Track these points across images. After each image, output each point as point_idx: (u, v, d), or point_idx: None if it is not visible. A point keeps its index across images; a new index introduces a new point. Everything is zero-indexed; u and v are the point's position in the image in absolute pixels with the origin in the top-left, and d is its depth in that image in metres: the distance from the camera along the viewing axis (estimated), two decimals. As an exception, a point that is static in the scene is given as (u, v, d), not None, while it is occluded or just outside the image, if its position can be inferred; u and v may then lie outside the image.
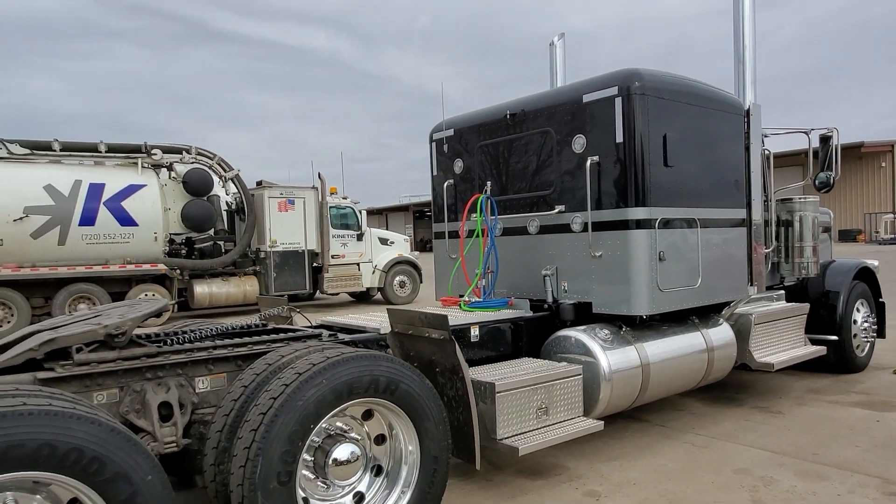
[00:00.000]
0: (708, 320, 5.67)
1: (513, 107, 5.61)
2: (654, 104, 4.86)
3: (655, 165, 4.88)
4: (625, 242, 4.85)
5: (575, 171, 5.13)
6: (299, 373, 3.08)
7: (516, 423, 4.13)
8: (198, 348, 3.56)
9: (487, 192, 5.56)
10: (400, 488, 3.52)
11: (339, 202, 16.38)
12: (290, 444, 2.98)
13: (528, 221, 5.53)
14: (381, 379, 3.26)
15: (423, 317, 3.79)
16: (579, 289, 5.17)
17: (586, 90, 5.06)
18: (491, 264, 5.53)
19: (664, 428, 5.55)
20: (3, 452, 2.33)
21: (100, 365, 3.23)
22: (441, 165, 6.37)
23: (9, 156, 12.60)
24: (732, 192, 5.65)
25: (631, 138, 4.79)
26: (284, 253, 15.15)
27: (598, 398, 4.69)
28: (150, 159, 13.82)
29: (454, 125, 6.21)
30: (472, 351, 4.72)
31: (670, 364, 5.17)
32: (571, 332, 4.90)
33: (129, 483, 2.58)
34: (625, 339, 4.97)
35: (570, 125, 5.16)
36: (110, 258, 13.06)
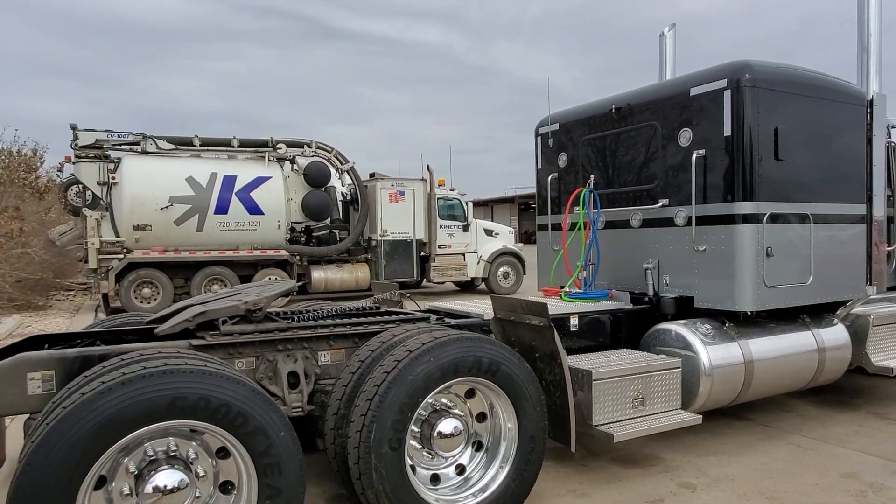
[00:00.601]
0: (820, 320, 5.48)
1: (618, 101, 5.67)
2: (765, 97, 4.77)
3: (765, 159, 4.79)
4: (730, 237, 4.81)
5: (680, 164, 5.13)
6: (410, 350, 3.41)
7: (612, 410, 4.27)
8: (321, 325, 4.00)
9: (590, 186, 5.66)
10: (498, 463, 3.78)
11: (446, 194, 16.85)
12: (401, 414, 3.32)
13: (630, 215, 5.58)
14: (483, 360, 3.54)
15: (525, 304, 4.01)
16: (681, 283, 5.18)
17: (694, 83, 5.03)
18: (592, 257, 5.64)
19: (768, 428, 5.44)
20: (170, 402, 2.83)
21: (241, 336, 3.74)
22: (546, 159, 6.52)
23: (157, 151, 14.09)
24: (851, 187, 5.40)
25: (740, 132, 4.74)
26: (394, 242, 15.84)
27: (696, 392, 4.70)
28: (276, 153, 14.92)
29: (559, 119, 6.34)
30: (571, 340, 4.88)
31: (776, 363, 5.07)
32: (672, 325, 4.93)
33: (266, 437, 3.02)
34: (727, 335, 4.93)
35: (677, 119, 5.16)
36: (240, 244, 14.28)
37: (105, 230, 13.32)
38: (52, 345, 4.10)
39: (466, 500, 3.65)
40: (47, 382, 3.34)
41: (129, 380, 2.79)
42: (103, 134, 13.58)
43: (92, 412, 2.67)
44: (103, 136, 13.56)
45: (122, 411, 2.73)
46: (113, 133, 13.66)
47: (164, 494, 2.91)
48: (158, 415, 2.83)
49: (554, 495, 4.19)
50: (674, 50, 7.43)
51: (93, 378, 2.96)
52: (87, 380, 3.00)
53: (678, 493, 4.21)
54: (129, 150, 13.91)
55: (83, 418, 2.66)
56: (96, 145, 13.50)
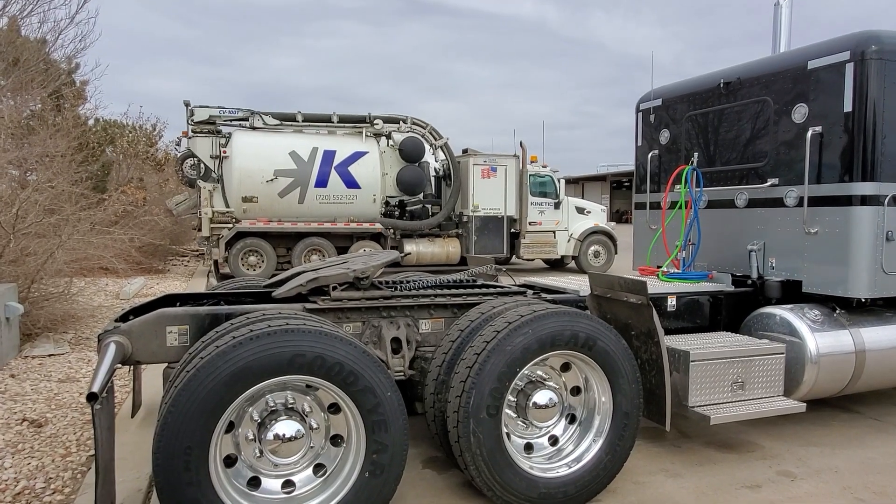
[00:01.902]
0: (947, 310, 5.11)
1: (727, 75, 5.46)
2: (893, 69, 4.46)
3: (890, 137, 4.50)
4: (846, 219, 4.57)
5: (793, 142, 4.91)
6: (509, 322, 3.53)
7: (709, 393, 4.22)
8: (422, 295, 4.19)
9: (694, 164, 5.51)
10: (592, 436, 3.85)
11: (538, 170, 16.71)
12: (499, 382, 3.46)
13: (735, 194, 5.40)
14: (580, 334, 3.60)
15: (623, 282, 4.03)
16: (788, 266, 4.98)
17: (813, 56, 4.77)
18: (693, 237, 5.52)
19: (878, 421, 5.18)
20: (291, 359, 3.09)
21: (349, 302, 3.98)
22: (646, 136, 6.39)
23: (263, 126, 14.84)
24: None
25: (862, 107, 4.47)
26: (485, 218, 15.93)
27: (801, 380, 4.56)
28: (373, 128, 15.32)
29: (662, 95, 6.18)
30: (668, 320, 4.83)
31: (891, 354, 4.80)
32: (776, 309, 4.78)
33: (374, 395, 3.24)
34: (838, 322, 4.72)
35: (791, 93, 4.92)
36: (337, 216, 14.86)
37: (217, 201, 14.23)
38: (182, 303, 4.53)
39: (559, 469, 3.75)
40: (182, 336, 3.72)
41: (257, 336, 3.07)
42: (215, 110, 14.43)
43: (227, 362, 2.97)
44: (216, 113, 14.42)
45: (250, 363, 3.02)
46: (224, 109, 14.49)
47: (283, 442, 3.20)
48: (280, 369, 3.10)
49: (646, 473, 4.22)
50: (790, 20, 6.99)
51: (224, 333, 3.28)
52: (219, 335, 3.32)
53: (777, 480, 4.13)
54: (238, 126, 14.73)
55: (219, 367, 2.96)
56: (209, 121, 14.38)
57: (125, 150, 18.86)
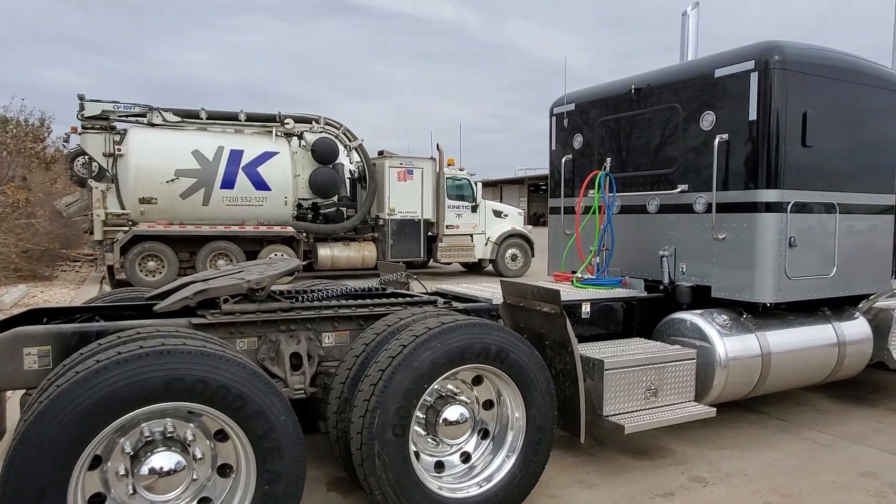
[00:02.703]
0: (841, 313, 5.31)
1: (638, 81, 5.46)
2: (794, 80, 4.56)
3: (792, 145, 4.60)
4: (752, 226, 4.63)
5: (701, 149, 4.94)
6: (416, 335, 3.28)
7: (623, 401, 4.14)
8: (325, 306, 3.87)
9: (607, 169, 5.48)
10: (505, 452, 3.66)
11: (455, 173, 16.64)
12: (406, 400, 3.20)
13: (647, 200, 5.40)
14: (492, 347, 3.40)
15: (536, 290, 3.87)
16: (698, 271, 5.01)
17: (719, 64, 4.82)
18: (606, 242, 5.48)
19: (783, 422, 5.31)
20: (167, 384, 2.72)
21: (242, 315, 3.61)
22: (560, 140, 6.33)
23: (163, 123, 13.92)
24: (881, 177, 5.20)
25: (766, 116, 4.54)
26: (402, 221, 15.67)
27: (711, 384, 4.57)
28: (284, 128, 14.72)
29: (575, 99, 6.14)
30: (583, 327, 4.74)
31: (794, 356, 4.92)
32: (687, 315, 4.78)
33: (266, 420, 2.91)
34: (745, 327, 4.78)
35: (699, 101, 4.95)
36: (246, 219, 14.15)
37: (111, 202, 13.22)
38: (51, 319, 4.00)
39: (470, 488, 3.54)
40: (44, 358, 3.23)
41: (125, 359, 2.68)
42: (109, 105, 13.41)
43: (88, 390, 2.57)
44: (109, 108, 13.39)
45: (117, 391, 2.62)
46: (119, 104, 13.49)
47: (160, 476, 2.82)
48: (155, 396, 2.72)
49: (561, 485, 4.08)
50: (697, 30, 7.16)
51: (88, 356, 2.85)
52: (83, 357, 2.89)
53: (689, 486, 4.10)
54: (135, 122, 13.76)
55: (78, 396, 2.55)
56: (102, 116, 13.34)
57: (7, 147, 17.24)
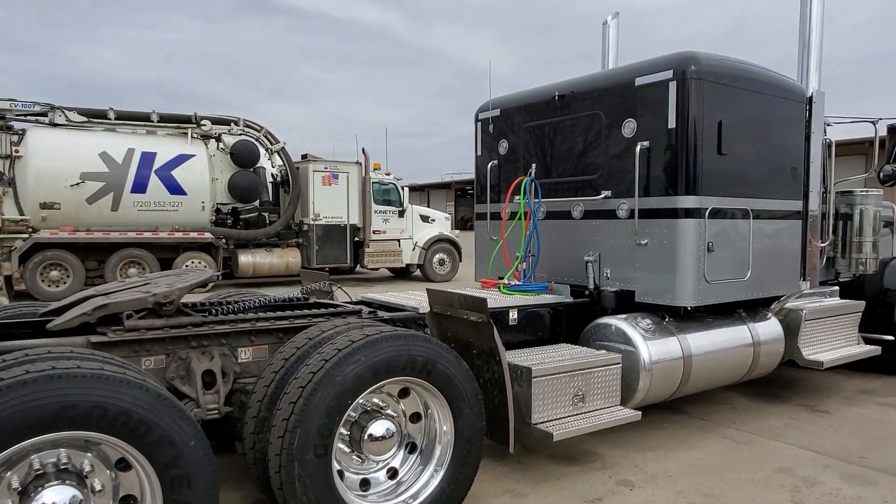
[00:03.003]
0: (756, 314, 5.52)
1: (562, 88, 5.49)
2: (710, 89, 4.69)
3: (708, 153, 4.73)
4: (672, 231, 4.72)
5: (623, 156, 5.01)
6: (339, 349, 3.11)
7: (552, 408, 4.11)
8: (241, 319, 3.63)
9: (532, 175, 5.48)
10: (433, 466, 3.55)
11: (381, 178, 16.45)
12: (328, 417, 3.03)
13: (572, 206, 5.44)
14: (418, 358, 3.28)
15: (462, 299, 3.78)
16: (622, 276, 5.07)
17: (639, 73, 4.90)
18: (532, 248, 5.47)
19: (704, 421, 5.45)
20: (58, 412, 2.44)
21: (148, 332, 3.33)
22: (486, 145, 6.30)
23: (67, 123, 13.02)
24: (789, 183, 5.44)
25: (684, 124, 4.64)
26: (327, 226, 15.32)
27: (636, 388, 4.62)
28: (200, 130, 14.09)
29: (500, 105, 6.12)
30: (510, 334, 4.70)
31: (713, 357, 5.06)
32: (612, 319, 4.82)
33: (172, 447, 2.67)
34: (667, 330, 4.87)
35: (621, 108, 5.02)
36: (160, 225, 13.44)
37: (8, 207, 12.23)
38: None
39: (398, 507, 3.40)
40: None
41: (9, 386, 2.39)
42: (6, 103, 12.41)
43: (-41, 424, 2.26)
44: (6, 105, 12.40)
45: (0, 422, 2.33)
46: (17, 102, 12.52)
47: (52, 514, 2.53)
48: (44, 425, 2.45)
49: (490, 496, 4.00)
50: (617, 39, 7.34)
51: (-38, 383, 2.52)
52: (-44, 384, 2.55)
53: (617, 491, 4.11)
54: (35, 122, 12.80)
55: (-53, 431, 2.24)
56: (-2, 115, 12.35)
57: None
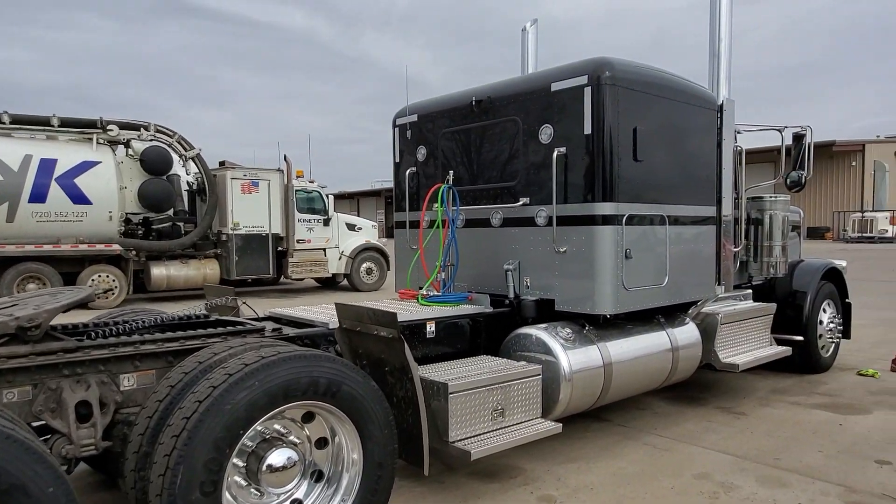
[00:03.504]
0: (674, 319, 5.54)
1: (479, 93, 5.36)
2: (624, 95, 4.66)
3: (624, 159, 4.69)
4: (590, 238, 4.65)
5: (541, 162, 4.91)
6: (230, 374, 2.81)
7: (470, 424, 3.92)
8: (124, 343, 3.27)
9: (449, 182, 5.31)
10: (341, 495, 3.30)
11: (305, 185, 15.97)
12: (217, 451, 2.72)
13: (491, 213, 5.30)
14: (320, 380, 3.01)
15: (372, 313, 3.54)
16: (542, 285, 4.97)
17: (555, 78, 4.83)
18: (451, 257, 5.30)
19: (625, 428, 5.42)
20: None
21: (9, 360, 2.93)
22: (404, 152, 6.10)
23: (-47, 127, 11.95)
24: (703, 189, 5.50)
25: (599, 130, 4.58)
26: (247, 236, 14.71)
27: (557, 399, 4.51)
28: (106, 135, 13.23)
29: (418, 110, 5.93)
30: (428, 348, 4.50)
31: (634, 364, 5.02)
32: (532, 329, 4.70)
33: (26, 495, 2.31)
34: (587, 339, 4.79)
35: (538, 114, 4.93)
36: (62, 237, 12.50)
37: None
38: None
39: (302, 543, 3.12)
40: None
41: None
42: None
43: None
44: None
45: None
46: None
47: None
48: None
49: (407, 522, 3.78)
50: (536, 45, 7.31)
51: None
52: None
53: (538, 508, 3.97)
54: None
55: None
56: None
57: None
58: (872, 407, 5.94)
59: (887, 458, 4.67)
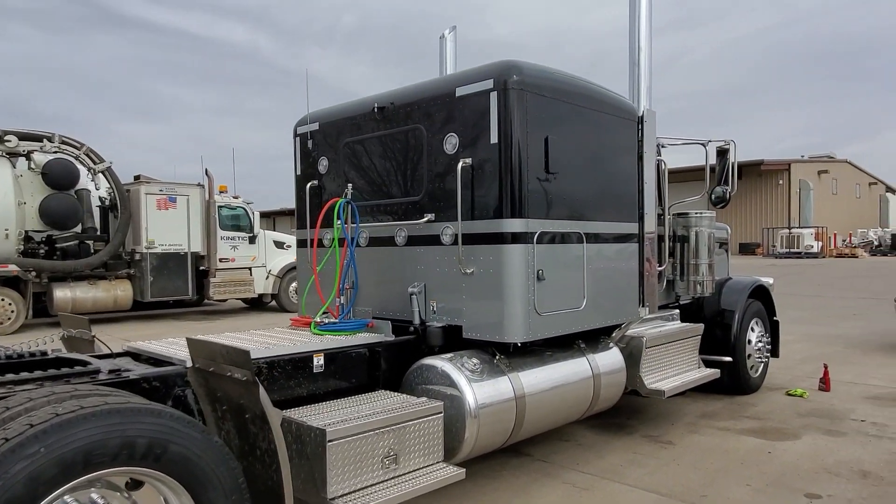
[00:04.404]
0: (596, 344, 5.14)
1: (381, 99, 4.88)
2: (534, 102, 4.26)
3: (535, 172, 4.28)
4: (498, 258, 4.20)
5: (446, 175, 4.46)
6: (6, 438, 2.19)
7: (355, 476, 3.38)
8: None
9: (348, 196, 4.80)
10: (183, 577, 2.68)
11: (229, 201, 15.14)
12: (-14, 541, 2.10)
13: (395, 231, 4.80)
14: (138, 441, 2.42)
15: (225, 351, 2.97)
16: (450, 310, 4.49)
17: (460, 82, 4.40)
18: (351, 279, 4.77)
19: (546, 464, 4.97)
20: None
21: None
22: (305, 164, 5.55)
23: None
24: (624, 205, 5.15)
25: (507, 139, 4.16)
26: (163, 255, 13.75)
27: (462, 438, 4.01)
28: (4, 146, 12.16)
29: (320, 119, 5.41)
30: (316, 384, 3.94)
31: (550, 395, 4.58)
32: (436, 360, 4.20)
33: None
34: (497, 369, 4.32)
35: (442, 122, 4.48)
36: (-50, 257, 11.37)
37: None
38: None
39: None
40: None
41: None
42: None
43: None
44: None
45: None
46: None
47: None
48: None
49: None
50: (455, 53, 6.92)
51: None
52: None
53: (435, 569, 3.44)
54: None
55: None
56: None
57: None
58: (801, 431, 5.70)
59: (817, 491, 4.36)
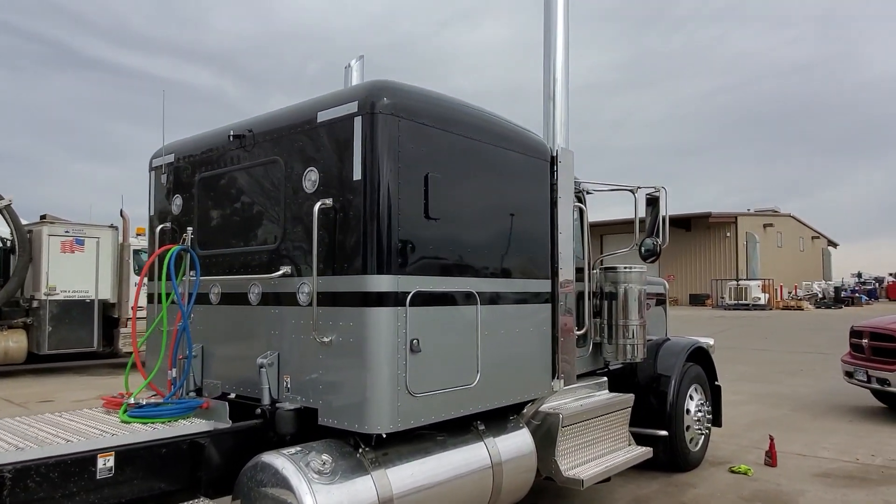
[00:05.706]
0: (501, 424, 4.26)
1: (239, 127, 4.05)
2: (411, 131, 3.48)
3: (411, 217, 3.46)
4: (360, 324, 3.33)
5: (305, 218, 3.61)
6: None
7: None
8: None
9: (186, 243, 3.90)
10: None
11: (145, 245, 13.97)
12: None
13: (249, 286, 3.91)
14: None
15: None
16: (304, 388, 3.57)
17: (323, 106, 3.60)
18: (183, 347, 3.83)
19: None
20: None
21: None
22: (158, 202, 4.65)
23: None
24: (532, 258, 4.36)
25: (374, 176, 3.35)
26: (66, 302, 12.44)
27: (301, 566, 3.05)
28: None
29: (176, 150, 4.55)
30: (101, 494, 2.95)
31: (431, 494, 3.65)
32: (275, 457, 3.26)
33: None
34: (359, 466, 3.39)
35: (301, 154, 3.66)
36: None
37: None
38: None
39: None
40: None
41: None
42: None
43: None
44: None
45: None
46: None
47: None
48: None
49: None
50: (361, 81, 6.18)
51: None
52: None
53: None
54: None
55: None
56: None
57: None
58: (744, 524, 4.88)
59: None
